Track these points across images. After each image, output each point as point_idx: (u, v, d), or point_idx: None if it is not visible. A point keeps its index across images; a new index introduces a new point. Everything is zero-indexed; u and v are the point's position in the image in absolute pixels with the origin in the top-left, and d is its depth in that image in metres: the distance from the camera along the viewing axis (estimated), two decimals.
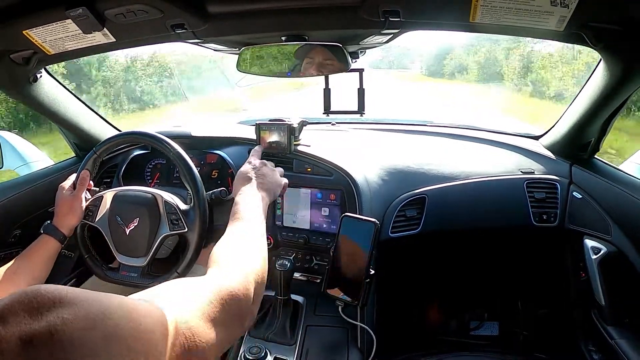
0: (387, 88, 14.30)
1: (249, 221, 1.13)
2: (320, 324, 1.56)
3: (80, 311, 0.50)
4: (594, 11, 1.03)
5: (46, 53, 1.40)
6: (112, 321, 0.52)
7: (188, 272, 1.42)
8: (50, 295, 0.50)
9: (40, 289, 0.50)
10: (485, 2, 1.04)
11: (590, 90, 1.50)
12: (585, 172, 1.76)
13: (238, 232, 1.09)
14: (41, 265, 1.34)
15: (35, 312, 0.47)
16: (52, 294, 0.50)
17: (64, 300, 0.50)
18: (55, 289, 0.51)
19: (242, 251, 1.00)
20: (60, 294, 0.50)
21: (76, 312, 0.49)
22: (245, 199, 1.22)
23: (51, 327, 0.46)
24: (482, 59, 14.82)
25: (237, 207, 1.18)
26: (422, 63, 16.68)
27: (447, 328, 2.35)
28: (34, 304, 0.48)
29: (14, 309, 0.47)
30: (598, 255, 1.63)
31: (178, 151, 1.43)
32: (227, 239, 1.05)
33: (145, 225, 1.42)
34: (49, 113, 1.78)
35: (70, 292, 0.52)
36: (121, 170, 1.93)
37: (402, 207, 1.77)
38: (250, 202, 1.21)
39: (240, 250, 1.00)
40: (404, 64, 17.45)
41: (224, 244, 1.02)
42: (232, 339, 0.84)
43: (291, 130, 1.71)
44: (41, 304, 0.48)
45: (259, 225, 1.14)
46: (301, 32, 1.38)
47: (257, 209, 1.20)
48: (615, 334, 1.60)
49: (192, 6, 1.18)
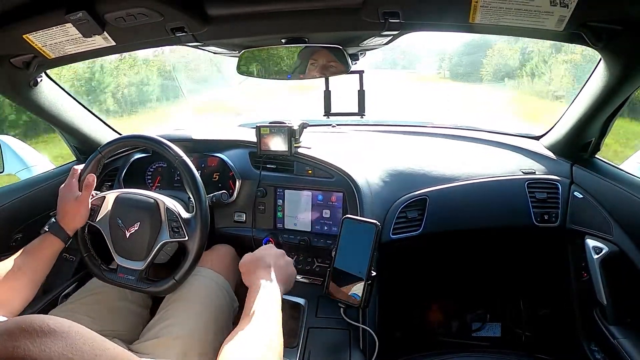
0: (411, 91, 13.94)
1: (266, 318, 1.04)
2: (322, 325, 1.56)
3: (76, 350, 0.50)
4: (593, 11, 1.03)
5: (46, 57, 1.40)
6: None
7: (186, 279, 1.42)
8: (56, 327, 0.50)
9: (50, 320, 0.51)
10: (485, 2, 1.04)
11: (590, 90, 1.50)
12: (586, 171, 1.76)
13: (253, 330, 0.99)
14: (43, 263, 1.33)
15: (35, 339, 0.48)
16: (58, 326, 0.50)
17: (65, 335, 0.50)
18: (63, 322, 0.51)
19: (256, 353, 0.91)
20: (63, 328, 0.51)
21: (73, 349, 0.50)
22: (262, 291, 1.13)
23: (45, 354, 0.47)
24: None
25: (253, 299, 1.09)
26: (443, 63, 16.24)
27: (449, 329, 2.35)
28: (38, 331, 0.49)
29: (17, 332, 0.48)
30: (600, 255, 1.62)
31: (183, 159, 1.42)
32: (241, 336, 0.96)
33: (146, 230, 1.42)
34: (49, 117, 1.79)
35: (73, 328, 0.52)
36: (122, 173, 1.93)
37: (403, 209, 1.77)
38: (267, 296, 1.12)
39: (254, 352, 0.92)
40: (412, 65, 17.15)
41: (238, 342, 0.94)
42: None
43: (292, 132, 1.72)
44: (41, 332, 0.49)
45: (276, 322, 1.05)
46: (301, 35, 1.38)
47: (274, 304, 1.11)
48: (617, 334, 1.60)
49: (192, 9, 1.18)
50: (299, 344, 1.47)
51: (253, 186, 1.83)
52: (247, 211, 1.85)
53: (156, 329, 1.38)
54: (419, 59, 17.51)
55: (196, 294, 1.48)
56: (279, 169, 1.81)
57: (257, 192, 1.81)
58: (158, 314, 1.45)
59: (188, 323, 1.38)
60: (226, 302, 1.53)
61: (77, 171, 1.47)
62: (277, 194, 1.83)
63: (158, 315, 1.45)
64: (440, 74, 16.23)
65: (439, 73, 16.31)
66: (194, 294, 1.48)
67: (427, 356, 1.57)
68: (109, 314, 1.48)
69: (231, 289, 1.60)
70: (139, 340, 1.38)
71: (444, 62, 16.40)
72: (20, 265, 1.26)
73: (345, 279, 1.37)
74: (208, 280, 1.55)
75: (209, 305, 1.47)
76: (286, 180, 1.79)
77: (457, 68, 15.55)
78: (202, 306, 1.45)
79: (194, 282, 1.49)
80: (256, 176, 1.83)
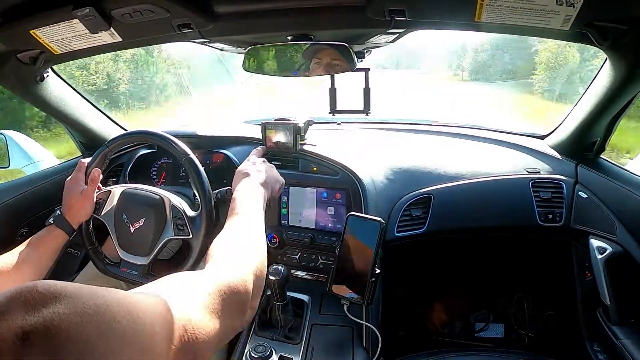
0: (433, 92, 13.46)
1: (247, 216, 1.12)
2: (326, 322, 1.56)
3: (76, 306, 0.49)
4: (599, 10, 1.03)
5: (53, 53, 1.41)
6: (110, 316, 0.52)
7: None
8: (46, 291, 0.49)
9: (37, 285, 0.50)
10: (491, 1, 1.04)
11: (595, 89, 1.50)
12: (591, 171, 1.75)
13: (236, 227, 1.08)
14: (47, 255, 1.34)
15: (31, 308, 0.47)
16: (47, 290, 0.49)
17: (60, 296, 0.49)
18: (52, 285, 0.51)
19: (239, 246, 0.99)
20: (56, 290, 0.50)
21: (72, 307, 0.49)
22: (243, 194, 1.22)
23: (47, 322, 0.46)
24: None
25: (235, 203, 1.18)
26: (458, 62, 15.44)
27: (452, 329, 2.35)
28: (30, 300, 0.48)
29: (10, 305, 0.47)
30: (603, 255, 1.62)
31: (190, 157, 1.43)
32: (225, 234, 1.04)
33: (151, 226, 1.43)
34: (55, 112, 1.79)
35: (66, 287, 0.51)
36: (128, 169, 1.94)
37: (407, 207, 1.77)
38: (247, 197, 1.20)
39: (238, 245, 0.99)
40: (416, 64, 16.67)
41: (222, 240, 1.01)
42: (233, 331, 0.84)
43: (297, 129, 1.72)
44: (37, 300, 0.48)
45: (257, 219, 1.13)
46: (307, 32, 1.38)
47: (254, 203, 1.19)
48: (620, 334, 1.60)
49: (199, 6, 1.19)
50: (302, 341, 1.48)
51: None
52: None
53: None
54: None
55: None
56: (284, 165, 1.81)
57: None
58: None
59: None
60: None
61: (84, 164, 1.48)
62: (282, 190, 1.83)
63: None
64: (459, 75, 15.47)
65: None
66: None
67: (430, 355, 1.58)
68: None
69: None
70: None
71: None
72: (25, 257, 1.26)
73: (349, 277, 1.37)
74: None
75: None
76: (291, 177, 1.79)
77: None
78: None
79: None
80: None
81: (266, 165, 1.41)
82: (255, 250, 1.01)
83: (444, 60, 15.18)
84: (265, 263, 1.03)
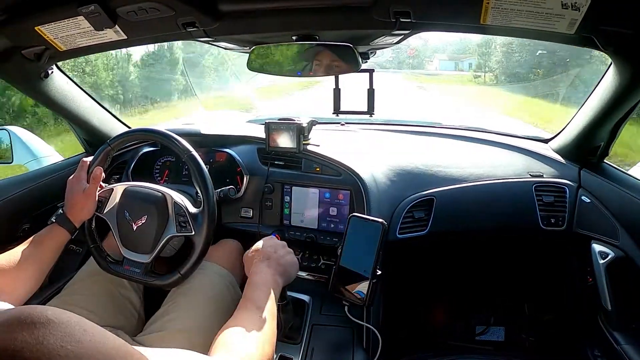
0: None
1: (262, 309, 1.07)
2: (326, 323, 1.56)
3: (76, 346, 0.50)
4: (605, 14, 1.03)
5: (58, 49, 1.41)
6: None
7: (191, 274, 1.42)
8: (53, 317, 0.50)
9: (48, 311, 0.51)
10: (496, 4, 1.04)
11: (600, 94, 1.49)
12: (594, 176, 1.75)
13: (249, 319, 1.03)
14: (49, 254, 1.34)
15: (31, 330, 0.48)
16: (56, 317, 0.50)
17: (63, 325, 0.50)
18: (62, 314, 0.51)
19: (250, 340, 0.96)
20: (62, 319, 0.51)
21: (72, 343, 0.50)
22: (260, 281, 1.16)
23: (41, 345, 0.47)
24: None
25: (251, 289, 1.13)
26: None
27: (452, 331, 2.34)
28: (35, 322, 0.49)
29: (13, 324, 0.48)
30: (605, 260, 1.62)
31: (192, 154, 1.42)
32: (237, 324, 1.00)
33: (153, 223, 1.42)
34: (59, 109, 1.80)
35: (73, 320, 0.52)
36: (131, 167, 1.94)
37: (410, 209, 1.77)
38: (265, 287, 1.15)
39: (248, 339, 0.96)
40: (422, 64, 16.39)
41: (234, 329, 0.98)
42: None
43: (300, 129, 1.72)
44: (38, 323, 0.49)
45: (271, 314, 1.09)
46: (312, 32, 1.38)
47: (271, 295, 1.14)
48: (621, 340, 1.59)
49: (204, 5, 1.19)
50: (302, 341, 1.48)
51: (260, 182, 1.84)
52: (254, 207, 1.86)
53: (160, 322, 1.39)
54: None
55: (201, 288, 1.49)
56: (287, 165, 1.82)
57: (264, 188, 1.81)
58: (163, 308, 1.46)
59: (193, 317, 1.39)
60: (231, 296, 1.53)
61: (86, 163, 1.48)
62: (285, 190, 1.83)
63: (163, 309, 1.45)
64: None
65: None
66: (199, 288, 1.48)
67: (430, 357, 1.58)
68: (108, 303, 1.49)
69: (237, 284, 1.60)
70: (143, 333, 1.39)
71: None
72: (27, 255, 1.26)
73: (350, 277, 1.37)
74: (214, 275, 1.55)
75: (214, 299, 1.48)
76: (294, 177, 1.79)
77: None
78: (207, 300, 1.46)
79: (199, 276, 1.49)
80: (264, 172, 1.83)
81: (286, 249, 1.35)
82: (267, 347, 0.99)
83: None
84: (273, 357, 1.01)
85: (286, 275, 1.26)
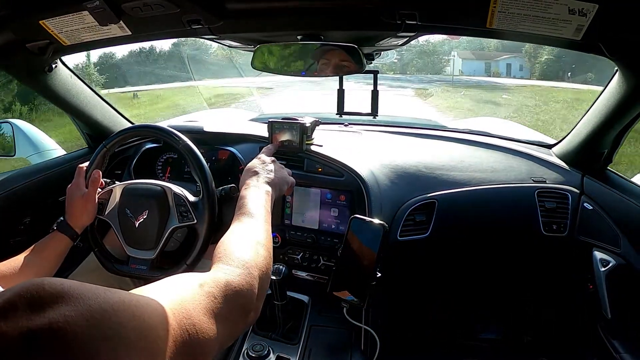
0: None
1: (254, 216, 1.11)
2: (325, 324, 1.56)
3: (82, 308, 0.49)
4: (611, 21, 1.02)
5: (62, 43, 1.41)
6: (115, 319, 0.52)
7: (197, 264, 1.42)
8: (53, 290, 0.49)
9: (44, 283, 0.50)
10: (503, 8, 1.04)
11: (605, 101, 1.49)
12: (597, 183, 1.74)
13: (242, 227, 1.07)
14: (52, 261, 1.34)
15: (37, 308, 0.47)
16: (54, 289, 0.49)
17: (67, 296, 0.49)
18: (59, 284, 0.50)
19: (246, 247, 0.98)
20: (63, 289, 0.50)
21: (79, 309, 0.49)
22: (251, 192, 1.21)
23: (53, 324, 0.46)
24: None
25: (243, 201, 1.17)
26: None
27: (452, 332, 2.34)
28: (36, 298, 0.48)
29: (16, 303, 0.47)
30: (607, 268, 1.61)
31: (187, 143, 1.42)
32: (231, 234, 1.04)
33: (155, 217, 1.42)
34: (62, 103, 1.80)
35: (73, 287, 0.51)
36: (132, 163, 1.94)
37: (411, 211, 1.76)
38: (256, 197, 1.19)
39: (244, 246, 0.98)
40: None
41: (228, 240, 1.00)
42: (236, 334, 0.84)
43: (303, 129, 1.71)
44: (43, 299, 0.48)
45: (264, 220, 1.13)
46: (317, 32, 1.38)
47: (262, 203, 1.18)
48: (620, 348, 1.59)
49: (209, 2, 1.18)
50: (300, 342, 1.48)
51: None
52: None
53: None
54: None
55: None
56: (289, 165, 1.81)
57: None
58: None
59: None
60: None
61: (82, 170, 1.48)
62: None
63: None
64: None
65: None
66: None
67: (429, 357, 1.57)
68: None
69: None
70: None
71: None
72: (29, 263, 1.27)
73: (349, 279, 1.37)
74: None
75: None
76: (296, 176, 1.78)
77: None
78: None
79: (204, 269, 1.50)
80: None
81: (276, 164, 1.41)
82: (261, 251, 1.00)
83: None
84: (271, 264, 1.03)
85: (277, 186, 1.33)
